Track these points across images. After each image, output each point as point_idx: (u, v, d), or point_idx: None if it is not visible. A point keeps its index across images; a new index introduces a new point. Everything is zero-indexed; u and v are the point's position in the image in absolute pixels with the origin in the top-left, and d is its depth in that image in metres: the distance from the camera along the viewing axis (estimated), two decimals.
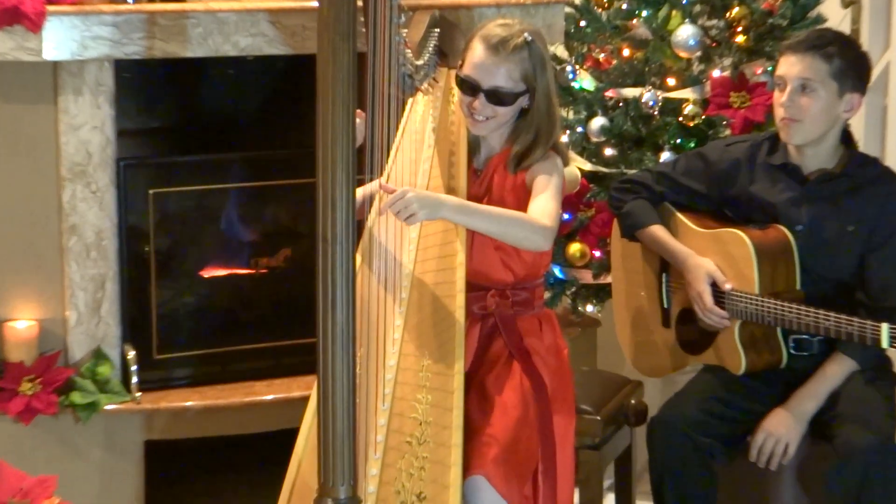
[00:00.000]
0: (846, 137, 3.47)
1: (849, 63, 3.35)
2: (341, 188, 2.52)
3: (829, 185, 3.42)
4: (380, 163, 2.98)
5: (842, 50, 3.35)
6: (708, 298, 3.41)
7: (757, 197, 3.47)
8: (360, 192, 2.98)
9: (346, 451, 2.59)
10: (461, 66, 3.16)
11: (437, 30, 3.19)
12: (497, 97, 3.10)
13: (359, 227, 2.69)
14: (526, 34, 3.09)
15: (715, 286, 3.42)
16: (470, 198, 3.08)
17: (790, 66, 3.37)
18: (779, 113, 3.40)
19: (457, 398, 2.87)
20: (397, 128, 3.17)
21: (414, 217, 2.88)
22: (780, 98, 3.39)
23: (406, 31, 3.00)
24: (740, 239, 3.39)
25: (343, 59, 2.50)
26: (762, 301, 3.33)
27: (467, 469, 2.86)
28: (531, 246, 3.01)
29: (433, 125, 3.26)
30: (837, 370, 3.36)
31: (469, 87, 3.12)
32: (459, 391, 2.89)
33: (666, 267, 3.62)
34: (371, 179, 3.05)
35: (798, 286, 3.39)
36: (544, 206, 3.02)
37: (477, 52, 3.11)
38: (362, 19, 2.81)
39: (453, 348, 2.94)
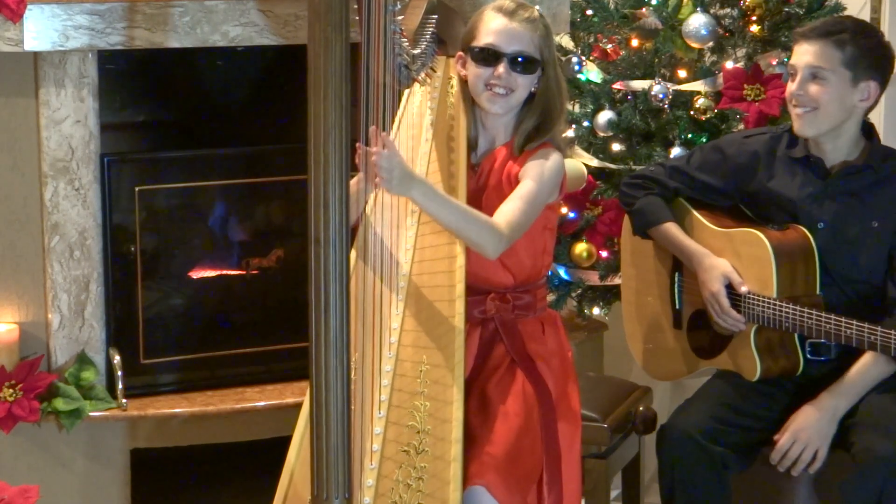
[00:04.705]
0: (867, 130, 3.48)
1: (864, 50, 3.35)
2: (334, 187, 2.53)
3: (852, 178, 3.42)
4: None
5: (855, 37, 3.35)
6: (724, 301, 3.41)
7: (776, 192, 3.47)
8: (353, 185, 2.98)
9: (341, 461, 2.60)
10: (470, 43, 3.17)
11: (435, 16, 3.18)
12: (520, 63, 3.12)
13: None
14: (538, 7, 3.16)
15: (730, 288, 3.43)
16: (467, 193, 3.09)
17: (801, 54, 3.38)
18: (790, 103, 3.41)
19: (456, 409, 2.88)
20: (393, 121, 3.17)
21: (386, 183, 2.85)
22: (791, 88, 3.41)
23: (402, 18, 3.00)
24: (759, 239, 3.40)
25: (336, 52, 2.51)
26: (781, 306, 3.33)
27: (467, 478, 2.87)
28: (479, 251, 3.01)
29: (431, 118, 3.26)
30: (876, 370, 3.34)
31: (489, 55, 3.14)
32: (459, 402, 2.89)
33: (679, 266, 3.63)
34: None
35: (818, 290, 3.39)
36: (510, 214, 3.02)
37: (494, 20, 3.14)
38: (355, 6, 2.82)
39: (453, 354, 2.95)
